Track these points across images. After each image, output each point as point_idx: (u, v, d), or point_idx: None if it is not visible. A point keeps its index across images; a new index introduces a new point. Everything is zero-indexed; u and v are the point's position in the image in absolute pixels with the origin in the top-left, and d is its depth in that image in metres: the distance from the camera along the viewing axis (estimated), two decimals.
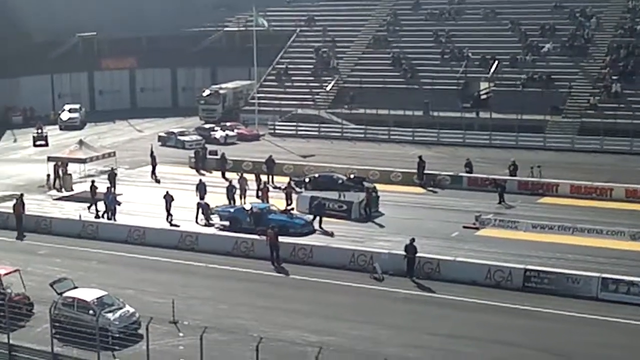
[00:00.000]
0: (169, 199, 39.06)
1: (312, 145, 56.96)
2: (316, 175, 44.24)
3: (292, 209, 39.32)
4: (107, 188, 41.57)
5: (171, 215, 38.72)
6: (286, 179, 43.52)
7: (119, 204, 40.35)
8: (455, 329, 25.84)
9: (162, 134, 58.20)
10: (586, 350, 23.80)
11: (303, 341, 24.18)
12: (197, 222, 37.75)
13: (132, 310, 25.66)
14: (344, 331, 25.66)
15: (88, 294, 25.95)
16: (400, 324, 26.42)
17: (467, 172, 45.26)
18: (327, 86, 64.88)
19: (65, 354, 23.29)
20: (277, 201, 40.15)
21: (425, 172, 44.74)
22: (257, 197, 41.37)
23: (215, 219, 38.15)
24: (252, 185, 42.17)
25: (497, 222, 37.17)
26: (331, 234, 36.53)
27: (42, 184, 45.83)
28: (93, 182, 41.91)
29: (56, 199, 43.99)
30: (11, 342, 23.82)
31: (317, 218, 37.80)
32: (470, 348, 24.14)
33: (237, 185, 41.36)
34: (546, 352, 23.75)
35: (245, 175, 43.14)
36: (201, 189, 39.53)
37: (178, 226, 37.66)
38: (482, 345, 24.36)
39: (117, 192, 42.11)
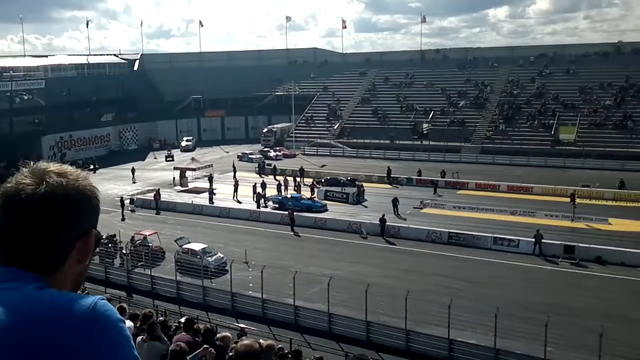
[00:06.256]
0: (263, 187, 45.23)
1: (326, 160, 66.32)
2: (328, 177, 51.74)
3: (315, 197, 46.37)
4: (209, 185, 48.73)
5: (264, 197, 44.53)
6: (310, 180, 51.19)
7: (215, 194, 48.23)
8: (409, 266, 30.94)
9: (239, 154, 70.07)
10: (484, 278, 29.80)
11: (320, 273, 27.43)
12: (257, 204, 44.12)
13: (221, 255, 30.28)
14: (344, 268, 30.01)
15: (197, 246, 30.74)
16: (377, 263, 31.43)
17: (441, 176, 52.53)
18: (335, 126, 78.04)
19: (183, 280, 28.66)
20: (305, 192, 47.60)
21: (392, 175, 53.49)
22: (294, 190, 48.33)
23: (269, 203, 45.13)
24: (291, 183, 49.87)
25: (432, 204, 44.72)
26: None
27: (170, 183, 54.87)
28: (211, 176, 50.55)
29: (179, 191, 52.51)
30: (152, 274, 29.45)
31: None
32: (420, 277, 29.19)
33: (282, 183, 48.86)
34: (462, 280, 29.20)
35: (287, 177, 50.84)
36: (263, 185, 47.62)
37: (267, 207, 43.91)
38: (426, 276, 29.49)
39: (213, 187, 49.51)
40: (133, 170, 60.65)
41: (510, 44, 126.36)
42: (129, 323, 9.43)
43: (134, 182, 57.90)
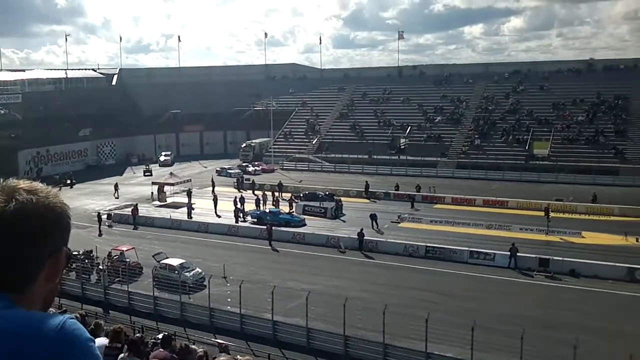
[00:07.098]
0: (242, 201, 45.41)
1: (304, 175, 65.94)
2: (306, 192, 51.45)
3: (293, 211, 46.86)
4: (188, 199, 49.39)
5: (243, 212, 44.61)
6: (289, 194, 51.69)
7: (194, 209, 48.62)
8: (387, 280, 31.18)
9: (218, 169, 69.79)
10: (460, 292, 30.24)
11: (299, 288, 27.37)
12: (236, 219, 44.48)
13: (200, 270, 30.38)
14: (323, 282, 30.08)
15: (174, 261, 30.84)
16: (355, 277, 31.62)
17: (417, 191, 53.15)
18: (313, 141, 78.58)
19: (161, 296, 28.58)
20: (284, 207, 47.73)
21: (369, 190, 53.92)
22: (273, 205, 48.63)
23: (248, 218, 45.28)
24: (270, 198, 50.31)
25: (410, 218, 45.13)
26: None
27: (148, 198, 55.08)
28: (190, 190, 50.63)
29: (157, 206, 52.22)
30: (129, 290, 29.36)
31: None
32: (397, 291, 29.24)
33: (261, 198, 48.99)
34: (439, 293, 29.70)
35: (266, 192, 51.28)
36: (242, 200, 47.77)
37: (245, 221, 44.37)
38: (403, 290, 29.66)
39: (192, 202, 49.64)
40: (116, 186, 59.95)
41: (485, 60, 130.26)
42: (100, 341, 9.43)
43: (116, 198, 57.37)
